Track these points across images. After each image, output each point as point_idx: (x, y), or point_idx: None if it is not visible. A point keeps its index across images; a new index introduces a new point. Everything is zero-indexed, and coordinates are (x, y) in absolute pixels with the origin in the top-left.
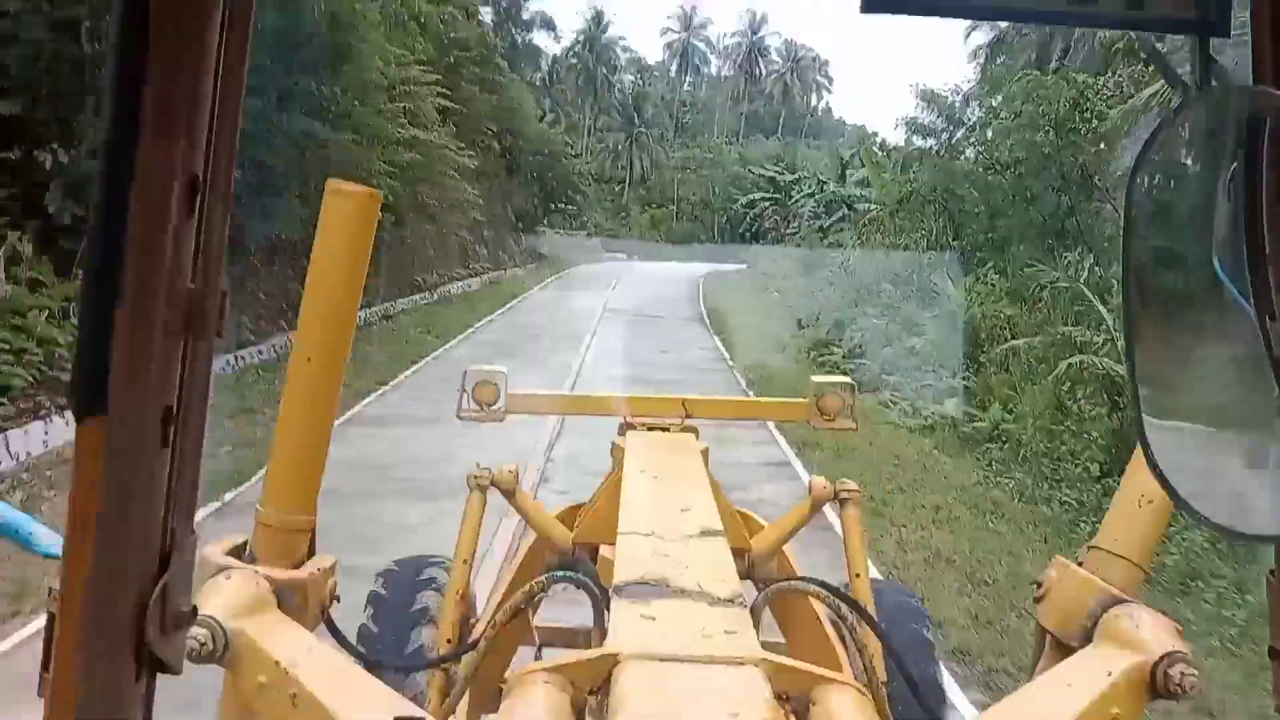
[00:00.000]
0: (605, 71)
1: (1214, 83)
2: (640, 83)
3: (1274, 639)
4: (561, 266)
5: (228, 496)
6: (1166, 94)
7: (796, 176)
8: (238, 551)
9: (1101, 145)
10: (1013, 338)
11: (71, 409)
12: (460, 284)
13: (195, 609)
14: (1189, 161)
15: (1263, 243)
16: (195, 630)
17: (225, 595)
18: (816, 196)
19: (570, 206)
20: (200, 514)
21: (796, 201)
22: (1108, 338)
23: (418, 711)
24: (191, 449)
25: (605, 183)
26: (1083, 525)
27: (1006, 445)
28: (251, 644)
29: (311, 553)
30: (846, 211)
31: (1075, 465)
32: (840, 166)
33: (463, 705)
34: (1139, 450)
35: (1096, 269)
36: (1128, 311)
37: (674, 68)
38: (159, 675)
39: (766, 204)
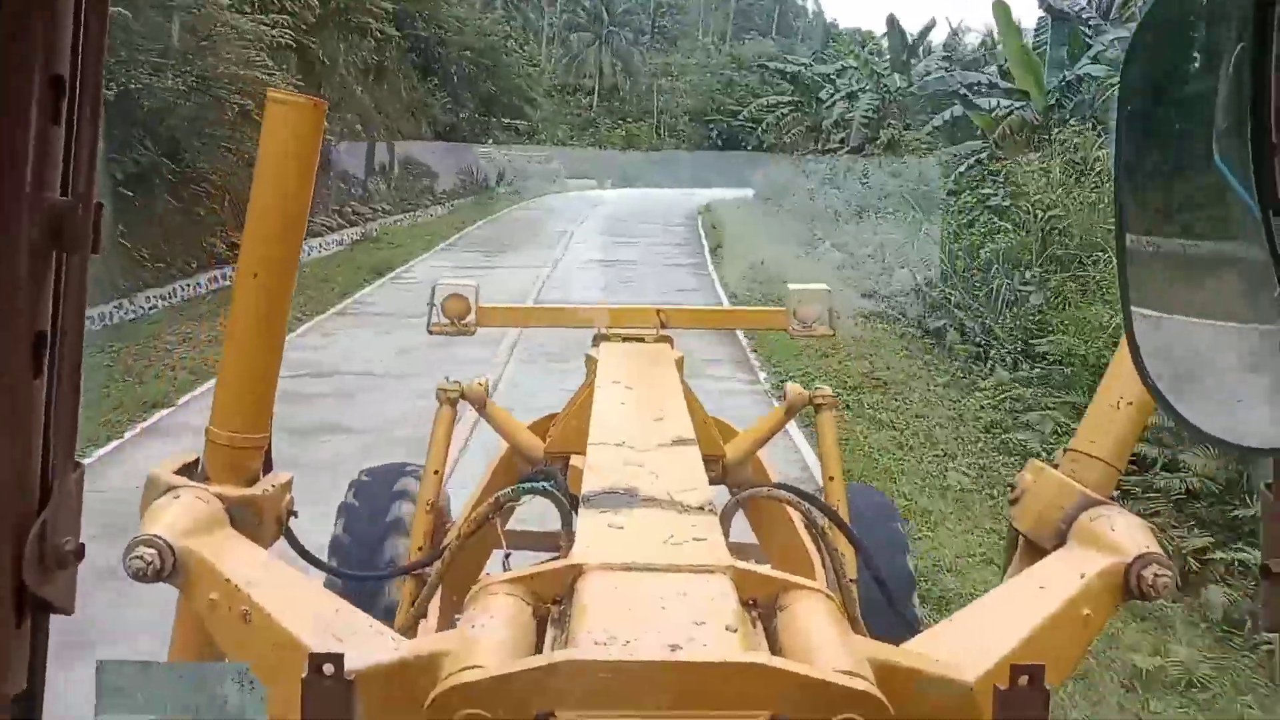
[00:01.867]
0: None
1: None
2: None
3: (1266, 557)
4: (499, 204)
5: None
6: None
7: (838, 67)
8: (188, 470)
9: None
10: None
11: None
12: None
13: (82, 547)
14: (1190, 42)
15: (1270, 131)
16: (140, 549)
17: (173, 514)
18: (869, 91)
19: (518, 121)
20: None
21: (832, 103)
22: None
23: (371, 627)
24: (69, 375)
25: (569, 93)
26: None
27: None
28: (202, 562)
29: (268, 469)
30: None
31: None
32: (903, 49)
33: (435, 614)
34: (1120, 351)
35: None
36: (1120, 201)
37: None
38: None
39: (787, 109)
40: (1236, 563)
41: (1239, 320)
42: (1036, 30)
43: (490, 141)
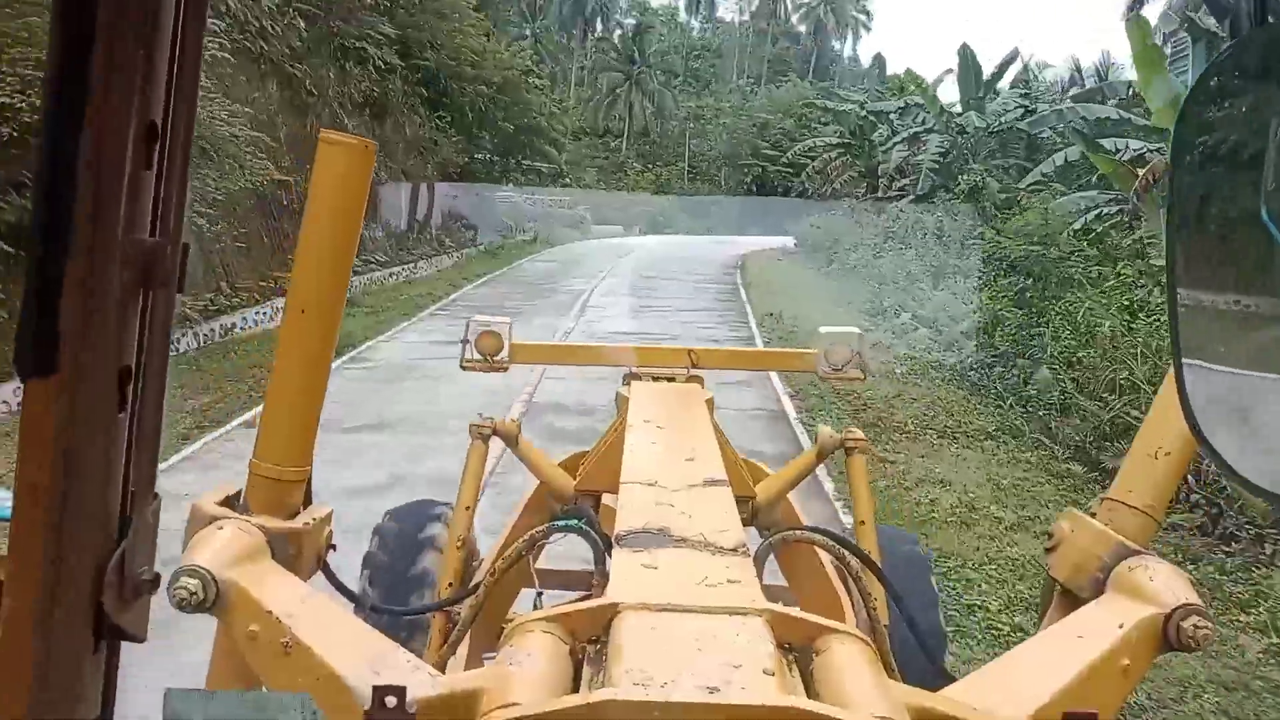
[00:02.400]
0: (597, 3)
1: (1270, 19)
2: (641, 22)
3: None
4: (514, 254)
5: None
6: None
7: (899, 105)
8: (230, 502)
9: None
10: None
11: (16, 369)
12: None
13: (158, 576)
14: (1240, 106)
15: None
16: (184, 580)
17: (217, 545)
18: (936, 132)
19: (540, 164)
20: None
21: (891, 145)
22: None
23: (409, 663)
24: (151, 410)
25: (597, 136)
26: None
27: None
28: (243, 593)
29: (307, 503)
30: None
31: None
32: (977, 85)
33: (464, 651)
34: (1158, 400)
35: None
36: (1170, 263)
37: (682, 6)
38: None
39: (835, 153)
40: None
41: None
42: (1173, 58)
43: (509, 185)
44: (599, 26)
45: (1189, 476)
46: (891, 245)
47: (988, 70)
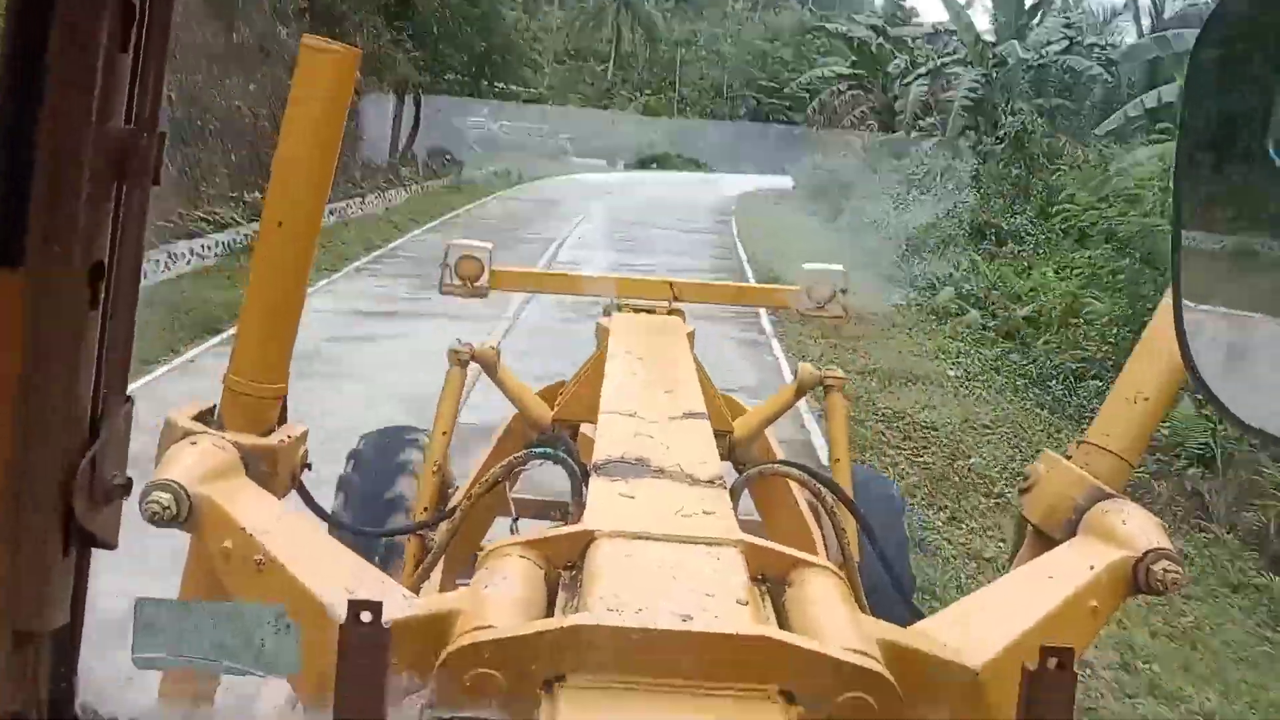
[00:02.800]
0: None
1: None
2: None
3: None
4: (480, 191)
5: None
6: None
7: (925, 30)
8: (204, 417)
9: None
10: None
11: None
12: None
13: (130, 481)
14: (1254, 42)
15: None
16: (156, 494)
17: (190, 460)
18: (969, 64)
19: (515, 87)
20: None
21: (915, 77)
22: None
23: (383, 583)
24: (124, 308)
25: (582, 59)
26: None
27: None
28: (216, 509)
29: (283, 421)
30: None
31: None
32: (1018, 10)
33: (437, 578)
34: (1141, 345)
35: None
36: (1177, 203)
37: None
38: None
39: (845, 84)
40: None
41: None
42: None
43: (485, 112)
44: None
45: None
46: (916, 196)
47: None
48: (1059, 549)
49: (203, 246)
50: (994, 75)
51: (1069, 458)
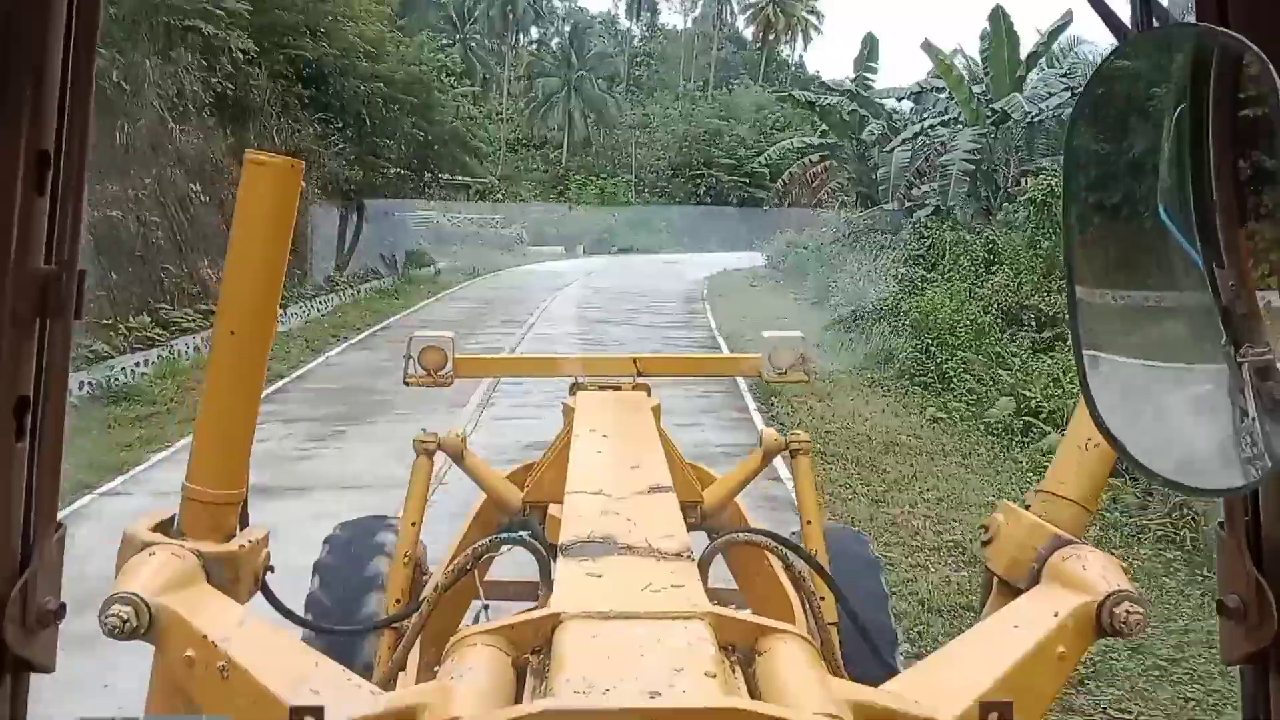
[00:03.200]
0: (531, 4)
1: (1155, 23)
2: (579, 23)
3: (1221, 593)
4: (421, 290)
5: None
6: None
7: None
8: (164, 527)
9: None
10: None
11: None
12: None
13: (63, 606)
14: (1131, 107)
15: (1210, 188)
16: (116, 607)
17: (149, 571)
18: (963, 124)
19: (461, 178)
20: None
21: (902, 141)
22: None
23: (350, 680)
24: (51, 439)
25: (535, 147)
26: None
27: None
28: (177, 618)
29: (244, 525)
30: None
31: None
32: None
33: (415, 668)
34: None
35: None
36: (1069, 260)
37: (622, 11)
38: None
39: (817, 154)
40: None
41: (1187, 364)
42: None
43: (429, 202)
44: (533, 31)
45: None
46: (923, 275)
47: (1027, 42)
48: (1022, 598)
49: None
50: (994, 133)
51: (1028, 507)
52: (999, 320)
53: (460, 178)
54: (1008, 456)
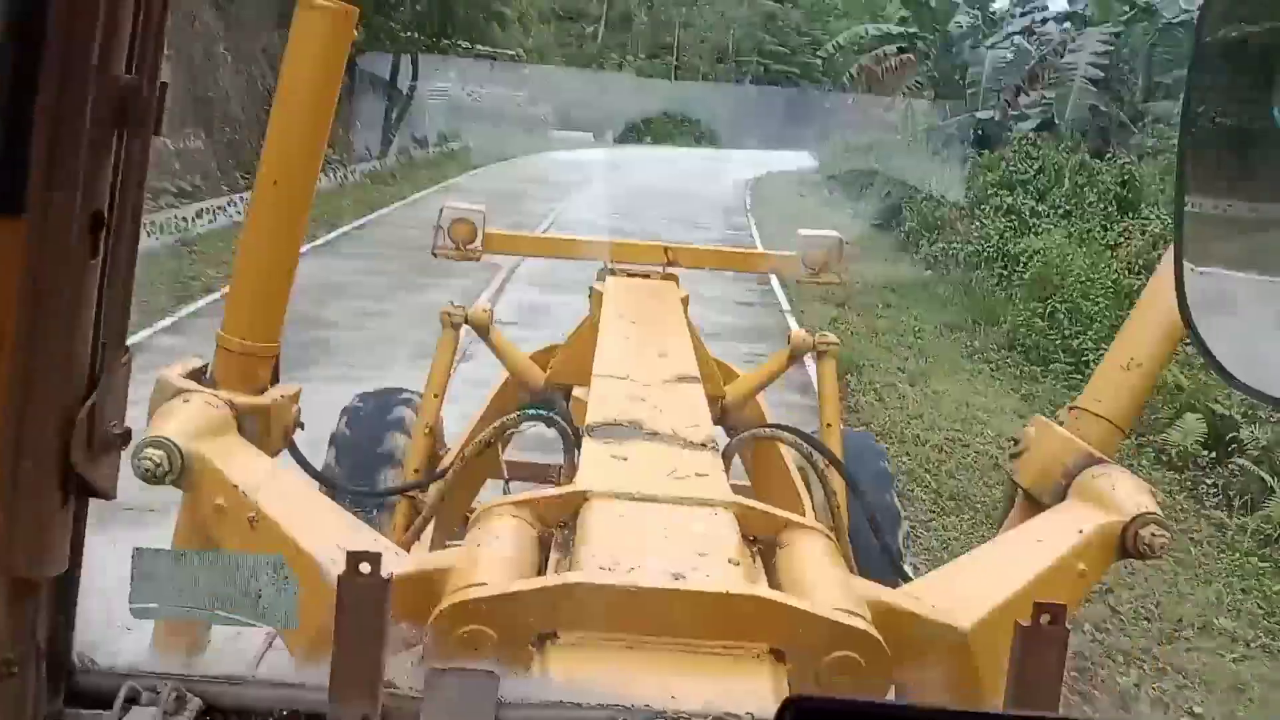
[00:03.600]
0: None
1: None
2: None
3: None
4: (417, 180)
5: None
6: None
7: None
8: (197, 375)
9: None
10: None
11: None
12: None
13: (129, 431)
14: (1258, 7)
15: None
16: (149, 451)
17: (183, 417)
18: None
19: (473, 45)
20: None
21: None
22: None
23: (377, 540)
24: (125, 258)
25: (571, 19)
26: None
27: None
28: (209, 466)
29: (275, 380)
30: None
31: None
32: None
33: (428, 536)
34: (1135, 312)
35: None
36: (1181, 156)
37: None
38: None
39: (894, 51)
40: None
41: None
42: None
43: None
44: None
45: None
46: (1041, 210)
47: None
48: (1048, 513)
49: None
50: (1132, 36)
51: (1062, 423)
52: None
53: (481, 47)
54: (1203, 514)
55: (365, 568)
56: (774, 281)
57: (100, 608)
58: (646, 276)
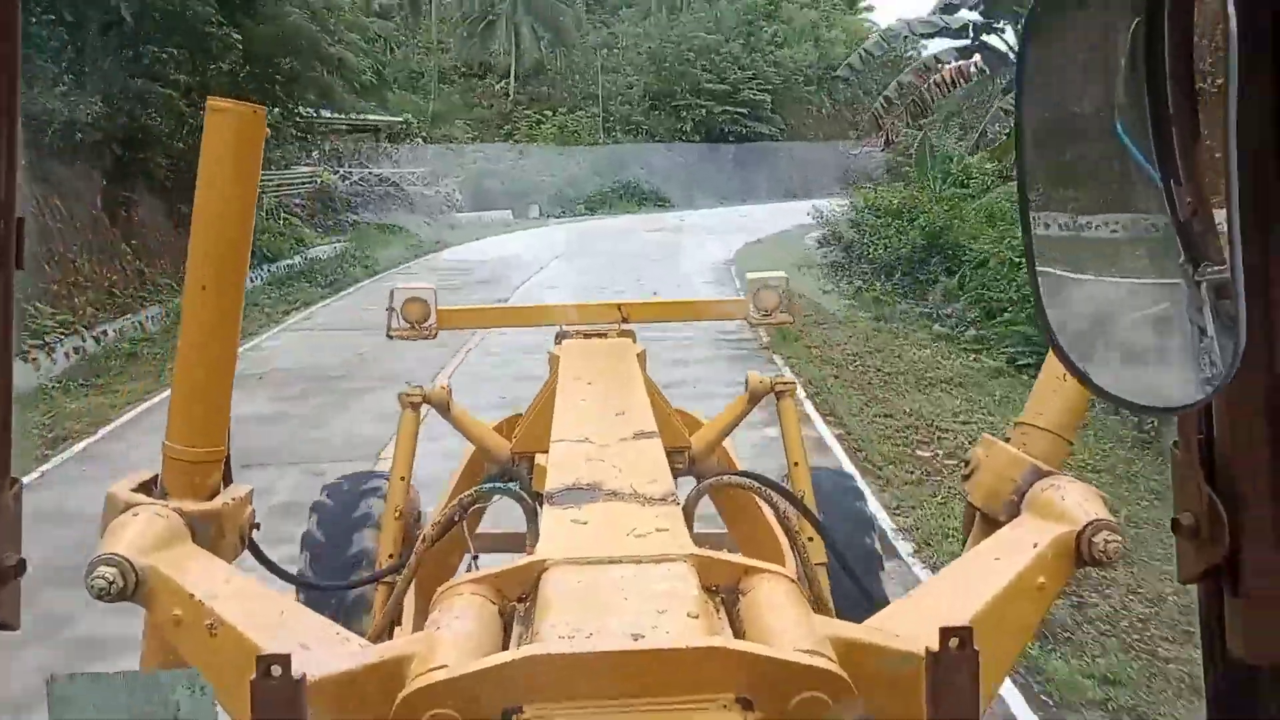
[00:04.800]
0: None
1: None
2: None
3: (1176, 511)
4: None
5: None
6: None
7: None
8: (146, 487)
9: None
10: None
11: None
12: None
13: (23, 561)
14: (1086, 21)
15: (1167, 103)
16: (101, 569)
17: (134, 532)
18: None
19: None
20: None
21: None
22: None
23: (339, 634)
24: (0, 395)
25: (474, 77)
26: None
27: None
28: (163, 578)
29: (228, 481)
30: None
31: None
32: None
33: (409, 622)
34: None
35: None
36: (1022, 180)
37: None
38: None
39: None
40: None
41: (1143, 282)
42: None
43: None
44: None
45: None
46: None
47: None
48: (1003, 530)
49: None
50: None
51: (1007, 440)
52: None
53: (364, 118)
54: None
55: (276, 670)
56: None
57: None
58: (603, 335)
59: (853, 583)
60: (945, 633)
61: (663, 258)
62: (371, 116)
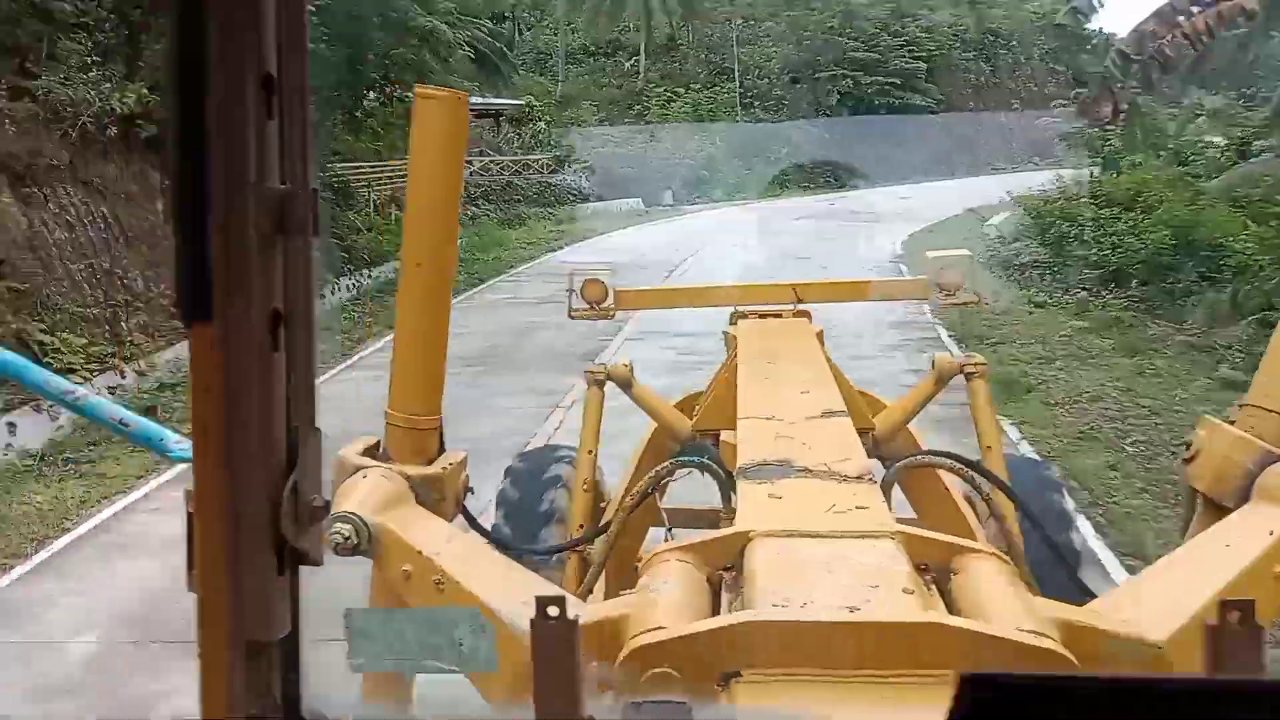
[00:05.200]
0: None
1: None
2: None
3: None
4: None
5: None
6: None
7: None
8: (372, 452)
9: None
10: None
11: (180, 317)
12: None
13: (328, 503)
14: None
15: None
16: (338, 525)
17: (363, 492)
18: None
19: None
20: None
21: None
22: None
23: (557, 591)
24: (303, 349)
25: (606, 55)
26: None
27: None
28: (393, 536)
29: (441, 449)
30: None
31: None
32: None
33: (599, 589)
34: None
35: None
36: None
37: None
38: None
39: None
40: None
41: None
42: None
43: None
44: None
45: None
46: None
47: None
48: (1234, 516)
49: None
50: None
51: (1232, 423)
52: None
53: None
54: None
55: (554, 610)
56: None
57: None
58: (778, 316)
59: (1064, 572)
60: (1226, 605)
61: (812, 255)
62: (494, 100)
